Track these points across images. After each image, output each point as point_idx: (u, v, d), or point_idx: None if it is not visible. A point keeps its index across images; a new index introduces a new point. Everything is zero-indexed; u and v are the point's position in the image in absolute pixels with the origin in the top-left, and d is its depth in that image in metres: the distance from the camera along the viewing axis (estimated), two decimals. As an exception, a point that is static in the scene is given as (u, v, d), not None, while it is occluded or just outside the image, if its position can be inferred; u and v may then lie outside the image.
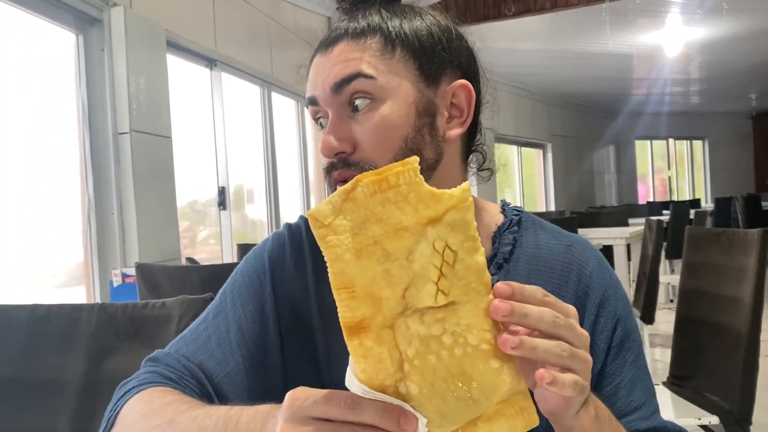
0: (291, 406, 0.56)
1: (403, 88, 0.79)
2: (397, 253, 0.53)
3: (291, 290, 0.87)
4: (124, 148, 2.91)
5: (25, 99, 2.70)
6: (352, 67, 0.79)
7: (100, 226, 2.89)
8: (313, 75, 0.83)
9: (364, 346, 0.52)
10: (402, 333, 0.53)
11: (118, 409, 0.77)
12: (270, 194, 4.56)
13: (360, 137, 0.79)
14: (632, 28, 6.59)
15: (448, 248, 0.53)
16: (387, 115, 0.78)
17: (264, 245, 0.91)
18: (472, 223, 0.54)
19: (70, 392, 1.21)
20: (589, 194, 11.39)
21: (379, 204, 0.53)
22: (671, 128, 12.99)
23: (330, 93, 0.79)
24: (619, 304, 0.85)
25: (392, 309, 0.53)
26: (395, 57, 0.80)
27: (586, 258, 0.87)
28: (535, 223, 0.91)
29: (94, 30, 2.90)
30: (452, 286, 0.53)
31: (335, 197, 0.53)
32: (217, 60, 3.92)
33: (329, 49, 0.81)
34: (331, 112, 0.80)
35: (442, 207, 0.53)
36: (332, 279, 0.53)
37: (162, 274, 2.30)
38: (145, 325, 1.21)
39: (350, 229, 0.53)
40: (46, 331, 1.24)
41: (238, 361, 0.82)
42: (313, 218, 0.53)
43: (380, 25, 0.81)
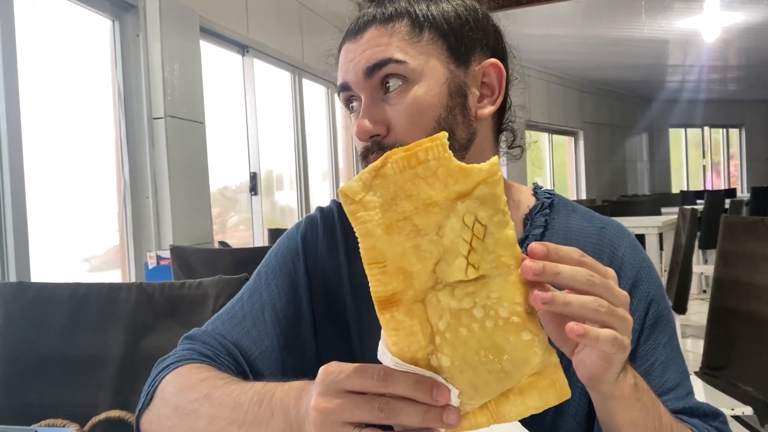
0: (325, 379, 0.57)
1: (433, 69, 0.81)
2: (427, 228, 0.54)
3: (324, 271, 0.89)
4: (159, 133, 2.96)
5: (62, 84, 2.76)
6: (383, 52, 0.80)
7: (135, 210, 2.94)
8: (344, 61, 0.84)
9: (395, 320, 0.53)
10: (433, 307, 0.54)
11: (157, 383, 0.79)
12: (300, 180, 4.59)
13: (393, 119, 0.80)
14: (668, 13, 6.44)
15: (478, 222, 0.54)
16: (419, 96, 0.80)
17: (297, 228, 0.94)
18: (502, 197, 0.54)
19: (110, 368, 1.25)
20: (622, 183, 11.22)
21: (408, 180, 0.54)
22: (707, 116, 12.70)
23: (362, 77, 0.81)
24: (651, 286, 0.84)
25: (423, 283, 0.54)
26: (423, 39, 0.81)
27: (619, 239, 0.86)
28: (567, 206, 0.91)
29: (130, 16, 2.94)
30: (482, 260, 0.54)
31: (365, 174, 0.54)
32: (249, 46, 3.94)
33: (358, 35, 0.83)
34: (363, 96, 0.82)
35: (471, 181, 0.54)
36: (363, 254, 0.53)
37: (196, 256, 2.34)
38: (182, 304, 1.24)
39: (380, 205, 0.53)
40: (86, 309, 1.28)
41: (272, 340, 0.85)
42: (344, 194, 0.54)
43: (407, 9, 0.82)
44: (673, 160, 12.83)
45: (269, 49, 4.13)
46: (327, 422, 0.56)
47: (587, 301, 0.54)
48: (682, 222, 3.61)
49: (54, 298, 1.29)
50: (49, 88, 2.66)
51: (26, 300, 1.29)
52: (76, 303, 1.28)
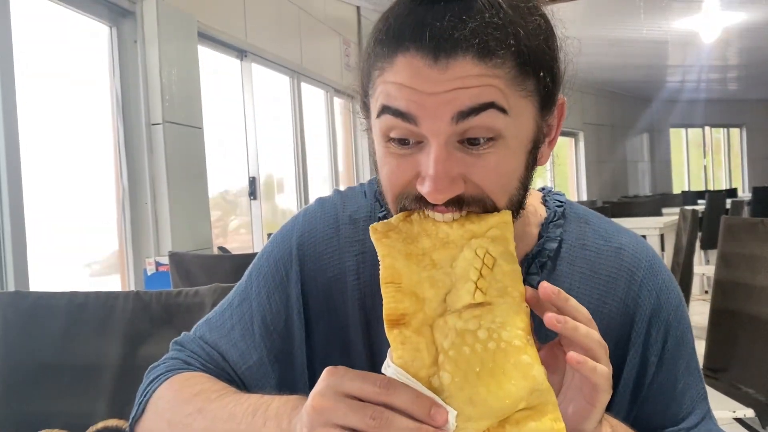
0: (327, 379, 0.57)
1: (527, 125, 0.65)
2: (443, 262, 0.60)
3: (325, 279, 0.80)
4: (157, 139, 2.96)
5: (60, 91, 2.76)
6: (484, 95, 0.61)
7: (134, 216, 2.94)
8: (417, 86, 0.61)
9: (403, 335, 0.56)
10: (440, 329, 0.57)
11: (149, 395, 0.78)
12: (300, 184, 4.59)
13: (475, 178, 0.63)
14: (667, 13, 6.44)
15: (489, 254, 0.60)
16: (506, 156, 0.64)
17: (293, 226, 0.84)
18: (511, 242, 0.62)
19: (107, 377, 1.25)
20: (622, 183, 11.22)
21: (430, 223, 0.63)
22: (708, 116, 12.70)
23: (447, 121, 0.61)
24: (670, 310, 0.78)
25: (433, 309, 0.58)
26: (527, 87, 0.63)
27: (637, 263, 0.78)
28: (580, 218, 0.81)
29: (127, 22, 2.95)
30: (490, 286, 0.59)
31: (395, 218, 0.64)
32: (248, 51, 3.95)
33: (442, 61, 0.60)
34: (437, 142, 0.61)
35: (486, 225, 0.62)
36: (383, 272, 0.59)
37: (194, 262, 2.33)
38: (179, 312, 1.23)
39: (404, 238, 0.62)
40: (83, 318, 1.27)
41: (261, 354, 0.80)
42: (374, 229, 0.62)
43: (514, 45, 0.62)
44: (674, 160, 12.82)
45: (268, 53, 4.14)
46: (319, 421, 0.56)
47: (593, 333, 0.58)
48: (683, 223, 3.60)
49: (51, 307, 1.28)
50: (47, 94, 2.66)
51: (23, 309, 1.28)
52: (73, 312, 1.28)
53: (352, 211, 0.82)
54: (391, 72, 0.63)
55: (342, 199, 0.84)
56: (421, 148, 0.63)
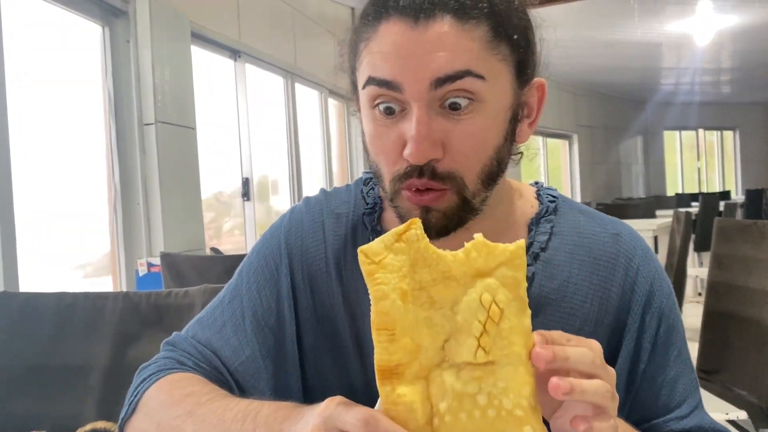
0: (324, 411, 0.55)
1: (504, 90, 0.69)
2: (443, 301, 0.53)
3: (310, 274, 0.82)
4: (150, 139, 2.94)
5: (51, 91, 2.74)
6: (461, 61, 0.65)
7: (126, 217, 2.93)
8: (398, 52, 0.66)
9: (395, 393, 0.52)
10: (436, 386, 0.53)
11: (139, 395, 0.77)
12: (293, 185, 4.58)
13: (454, 143, 0.67)
14: (661, 16, 6.46)
15: (495, 304, 0.52)
16: (486, 121, 0.68)
17: (281, 223, 0.87)
18: (523, 282, 0.53)
19: (96, 378, 1.24)
20: (616, 186, 11.25)
21: (430, 248, 0.54)
22: (701, 118, 12.74)
23: (426, 85, 0.65)
24: (663, 298, 0.80)
25: (430, 359, 0.53)
26: (501, 51, 0.68)
27: (633, 249, 0.80)
28: (573, 209, 0.83)
29: (120, 22, 2.93)
30: (494, 344, 0.52)
31: (387, 236, 0.54)
32: (241, 51, 3.93)
33: (422, 22, 0.65)
34: (419, 107, 0.66)
35: (494, 260, 0.53)
36: (374, 318, 0.53)
37: (186, 263, 2.32)
38: (168, 313, 1.23)
39: (398, 269, 0.53)
40: (72, 319, 1.27)
41: (253, 349, 0.80)
42: (363, 254, 0.53)
43: (490, 9, 0.67)
44: (668, 163, 12.86)
45: (261, 53, 4.12)
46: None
47: (598, 387, 0.54)
48: (676, 225, 3.61)
49: (40, 307, 1.28)
50: (38, 94, 2.65)
51: (12, 310, 1.28)
52: (62, 312, 1.27)
53: (335, 206, 0.86)
54: (375, 41, 0.68)
55: (326, 197, 0.87)
56: (405, 115, 0.68)
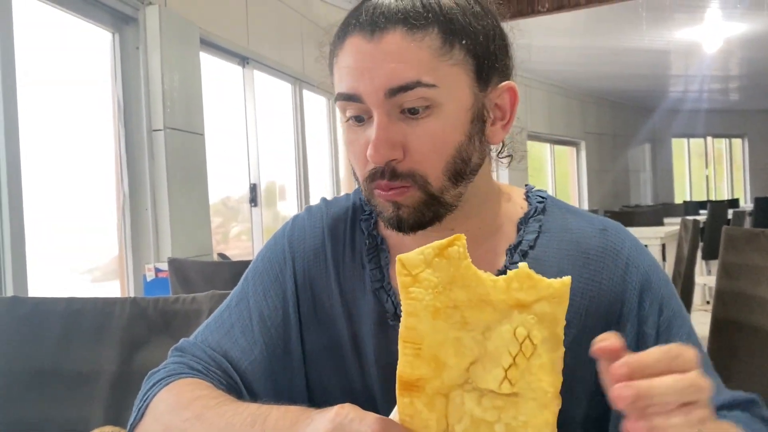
0: (334, 420, 0.55)
1: (460, 92, 0.73)
2: (475, 324, 0.52)
3: (311, 275, 0.86)
4: (158, 145, 2.96)
5: (62, 96, 2.76)
6: (411, 72, 0.70)
7: (134, 222, 2.94)
8: (356, 65, 0.72)
9: (413, 407, 0.52)
10: (455, 406, 0.52)
11: (148, 400, 0.78)
12: (300, 191, 4.59)
13: (413, 144, 0.72)
14: (669, 23, 6.45)
15: (529, 340, 0.51)
16: (444, 123, 0.72)
17: (284, 229, 0.91)
18: (562, 321, 0.52)
19: (103, 383, 1.24)
20: (624, 193, 11.21)
21: (470, 269, 0.53)
22: (710, 126, 12.69)
23: (381, 95, 0.71)
24: (660, 286, 0.80)
25: (453, 379, 0.52)
26: (454, 56, 0.72)
27: (621, 242, 0.81)
28: (561, 208, 0.86)
29: (130, 28, 2.95)
30: (521, 378, 0.51)
31: (428, 249, 0.53)
32: (250, 58, 3.95)
33: (377, 35, 0.71)
34: (378, 113, 0.72)
35: (536, 294, 0.52)
36: (402, 331, 0.52)
37: (194, 269, 2.33)
38: (176, 319, 1.23)
39: (435, 286, 0.52)
40: (80, 324, 1.27)
41: (261, 349, 0.83)
42: (401, 264, 0.53)
43: (437, 14, 0.72)
44: (676, 170, 12.81)
45: (270, 60, 4.14)
46: None
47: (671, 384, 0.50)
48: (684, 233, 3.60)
49: (48, 312, 1.28)
50: (48, 99, 2.67)
51: (21, 315, 1.28)
52: (70, 318, 1.27)
53: (334, 213, 0.90)
54: (340, 56, 0.75)
55: (327, 204, 0.92)
56: (371, 122, 0.73)
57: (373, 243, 0.85)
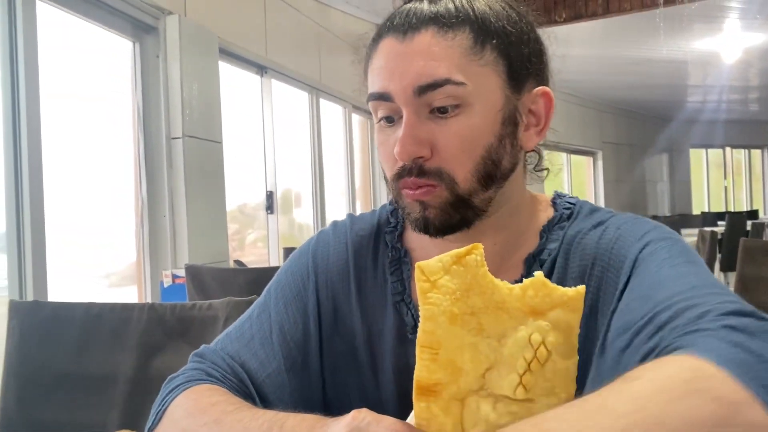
0: (351, 424, 0.55)
1: (490, 93, 0.73)
2: (491, 330, 0.53)
3: (334, 291, 0.86)
4: (177, 153, 2.99)
5: (83, 104, 2.81)
6: (441, 70, 0.70)
7: (152, 228, 2.98)
8: (388, 65, 0.73)
9: (430, 411, 0.52)
10: (471, 411, 0.53)
11: (166, 405, 0.78)
12: (316, 198, 4.62)
13: (441, 143, 0.72)
14: (687, 34, 6.42)
15: (544, 346, 0.52)
16: (473, 122, 0.72)
17: (309, 244, 0.91)
18: (576, 329, 0.53)
19: (121, 387, 1.25)
20: (641, 203, 11.12)
21: (487, 276, 0.54)
22: (728, 136, 12.57)
23: (410, 93, 0.71)
24: (640, 246, 0.71)
25: (469, 384, 0.53)
26: (485, 56, 0.72)
27: (630, 245, 0.72)
28: (592, 215, 0.80)
29: (150, 38, 3.00)
30: (536, 384, 0.52)
31: (447, 257, 0.54)
32: (268, 67, 3.99)
33: (408, 36, 0.72)
34: (407, 112, 0.72)
35: (551, 302, 0.53)
36: (420, 335, 0.53)
37: (210, 275, 2.35)
38: (193, 325, 1.24)
39: (452, 292, 0.53)
40: (99, 329, 1.29)
41: (279, 362, 0.83)
42: (420, 270, 0.54)
43: (469, 15, 0.72)
44: (694, 181, 12.70)
45: (287, 69, 4.18)
46: None
47: None
48: (701, 244, 3.57)
49: (68, 317, 1.30)
50: (69, 107, 2.71)
51: (41, 319, 1.30)
52: (89, 323, 1.29)
53: (359, 228, 0.89)
54: (374, 59, 0.76)
55: (352, 220, 0.91)
56: (401, 122, 0.73)
57: (396, 255, 0.85)
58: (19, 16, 2.23)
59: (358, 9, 5.03)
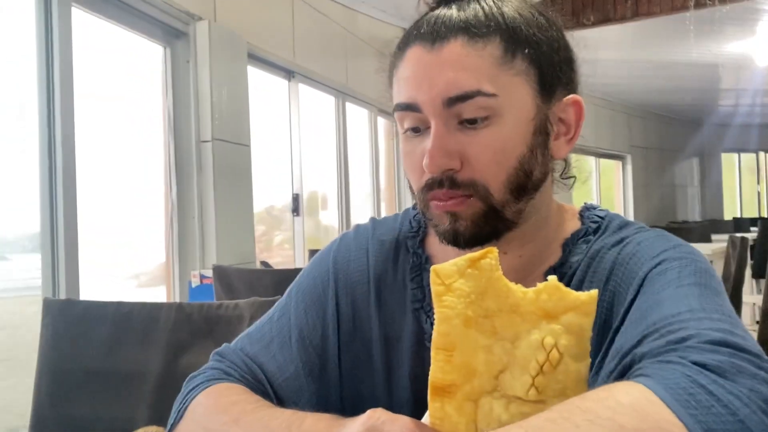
0: (366, 423, 0.56)
1: (522, 102, 0.71)
2: (504, 333, 0.54)
3: (353, 296, 0.86)
4: (206, 156, 3.04)
5: (116, 108, 2.87)
6: (471, 81, 0.69)
7: (181, 230, 3.03)
8: (416, 75, 0.72)
9: (444, 411, 0.54)
10: (484, 412, 0.54)
11: (187, 403, 0.80)
12: (342, 201, 4.65)
13: (472, 154, 0.70)
14: (719, 36, 6.32)
15: (556, 349, 0.53)
16: (504, 133, 0.70)
17: (331, 247, 0.91)
18: (588, 332, 0.53)
19: (149, 384, 1.28)
20: (671, 208, 10.95)
21: (502, 279, 0.55)
22: (762, 141, 12.31)
23: (440, 104, 0.70)
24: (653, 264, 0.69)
25: (482, 385, 0.54)
26: (515, 66, 0.71)
27: (643, 261, 0.71)
28: (621, 229, 0.78)
29: (180, 43, 3.06)
30: (547, 386, 0.53)
31: (462, 261, 0.55)
32: (295, 71, 4.03)
33: (437, 45, 0.70)
34: (436, 122, 0.70)
35: (564, 306, 0.53)
36: (435, 337, 0.54)
37: (237, 276, 2.39)
38: (219, 325, 1.27)
39: (467, 295, 0.54)
40: (128, 327, 1.32)
41: (297, 366, 0.83)
42: (435, 274, 0.55)
43: (500, 23, 0.71)
44: (726, 186, 12.46)
45: (314, 74, 4.22)
46: None
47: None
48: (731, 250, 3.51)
49: (99, 315, 1.33)
50: (103, 111, 2.78)
51: (73, 316, 1.34)
52: (119, 321, 1.32)
53: (381, 233, 0.89)
54: (401, 68, 0.74)
55: (374, 224, 0.91)
56: (428, 132, 0.72)
57: (417, 261, 0.84)
58: (56, 22, 2.29)
59: (384, 13, 5.05)
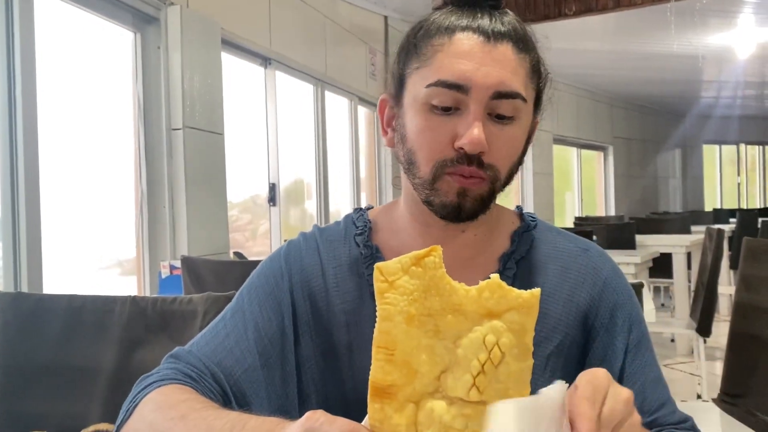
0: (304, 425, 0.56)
1: (529, 113, 0.84)
2: (447, 333, 0.53)
3: (309, 288, 0.89)
4: (177, 144, 2.99)
5: (83, 95, 2.81)
6: (517, 83, 0.79)
7: (151, 219, 2.98)
8: (473, 59, 0.78)
9: (383, 413, 0.53)
10: (425, 413, 0.53)
11: (137, 401, 0.79)
12: (320, 190, 4.61)
13: (495, 144, 0.80)
14: (700, 28, 6.33)
15: (498, 347, 0.52)
16: (518, 134, 0.82)
17: (280, 251, 0.95)
18: (531, 331, 0.53)
19: (102, 380, 1.26)
20: (653, 199, 11.04)
21: (445, 278, 0.54)
22: (742, 133, 12.44)
23: (489, 95, 0.78)
24: (633, 309, 0.89)
25: (424, 386, 0.53)
26: (532, 83, 0.83)
27: (602, 263, 0.90)
28: (551, 229, 0.95)
29: (152, 28, 2.99)
30: (489, 386, 0.52)
31: (406, 258, 0.54)
32: (272, 58, 3.98)
33: (493, 41, 0.79)
34: (480, 109, 0.78)
35: (506, 304, 0.53)
36: (376, 336, 0.53)
37: (206, 267, 2.35)
38: (173, 319, 1.24)
39: (410, 293, 0.53)
40: (81, 321, 1.29)
41: (254, 358, 0.85)
42: (378, 271, 0.54)
43: (531, 47, 0.83)
44: (707, 177, 12.58)
45: (292, 61, 4.16)
46: None
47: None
48: (708, 242, 3.52)
49: (51, 309, 1.30)
50: (70, 98, 2.71)
51: (24, 310, 1.30)
52: (71, 315, 1.29)
53: (328, 235, 0.95)
54: (451, 47, 0.79)
55: (320, 230, 0.96)
56: (460, 114, 0.79)
57: (369, 252, 0.89)
58: (16, 5, 2.22)
59: (366, 1, 5.00)
